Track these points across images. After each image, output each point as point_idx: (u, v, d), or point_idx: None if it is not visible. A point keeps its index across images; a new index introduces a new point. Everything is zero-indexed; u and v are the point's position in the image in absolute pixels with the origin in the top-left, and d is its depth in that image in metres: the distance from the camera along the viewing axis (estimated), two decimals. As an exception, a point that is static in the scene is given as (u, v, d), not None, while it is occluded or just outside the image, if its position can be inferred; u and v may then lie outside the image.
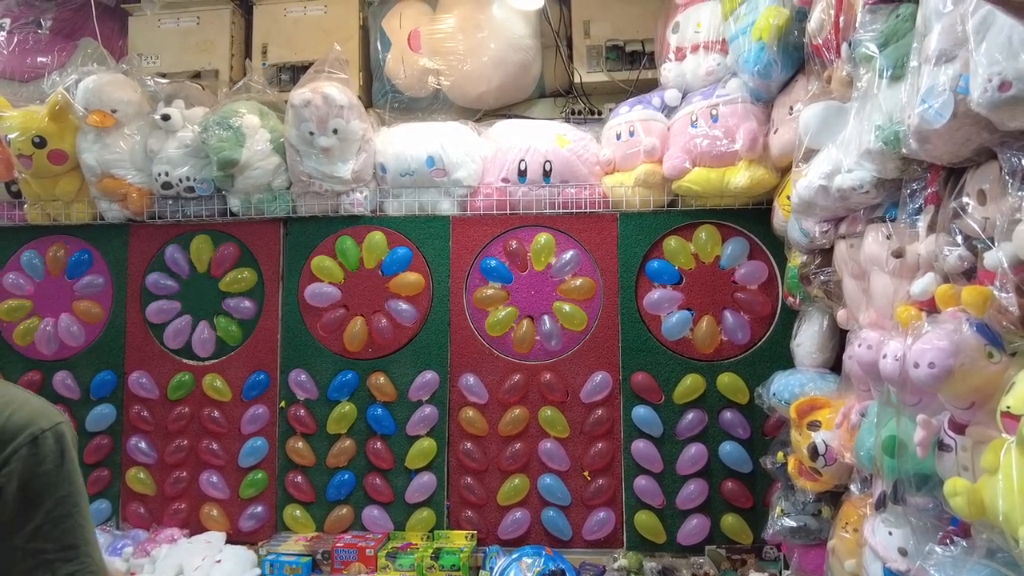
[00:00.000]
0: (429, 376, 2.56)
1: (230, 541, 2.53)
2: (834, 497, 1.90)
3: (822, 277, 1.92)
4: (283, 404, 2.62)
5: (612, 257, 2.54)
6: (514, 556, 2.38)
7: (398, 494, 2.54)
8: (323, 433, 2.59)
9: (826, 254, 1.93)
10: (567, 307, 2.53)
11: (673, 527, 2.43)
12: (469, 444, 2.54)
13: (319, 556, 2.36)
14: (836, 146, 1.59)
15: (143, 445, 2.68)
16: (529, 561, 2.36)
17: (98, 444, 2.69)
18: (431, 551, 2.34)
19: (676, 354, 2.49)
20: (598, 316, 2.54)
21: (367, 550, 2.35)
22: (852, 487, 1.70)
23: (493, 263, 2.58)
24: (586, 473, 2.48)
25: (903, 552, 1.35)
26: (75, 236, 2.79)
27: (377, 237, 2.61)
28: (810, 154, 1.72)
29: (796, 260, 2.16)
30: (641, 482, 2.44)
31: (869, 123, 1.39)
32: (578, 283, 2.54)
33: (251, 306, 2.67)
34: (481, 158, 2.62)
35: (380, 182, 2.66)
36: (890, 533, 1.40)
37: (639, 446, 2.45)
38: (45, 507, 0.98)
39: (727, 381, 2.44)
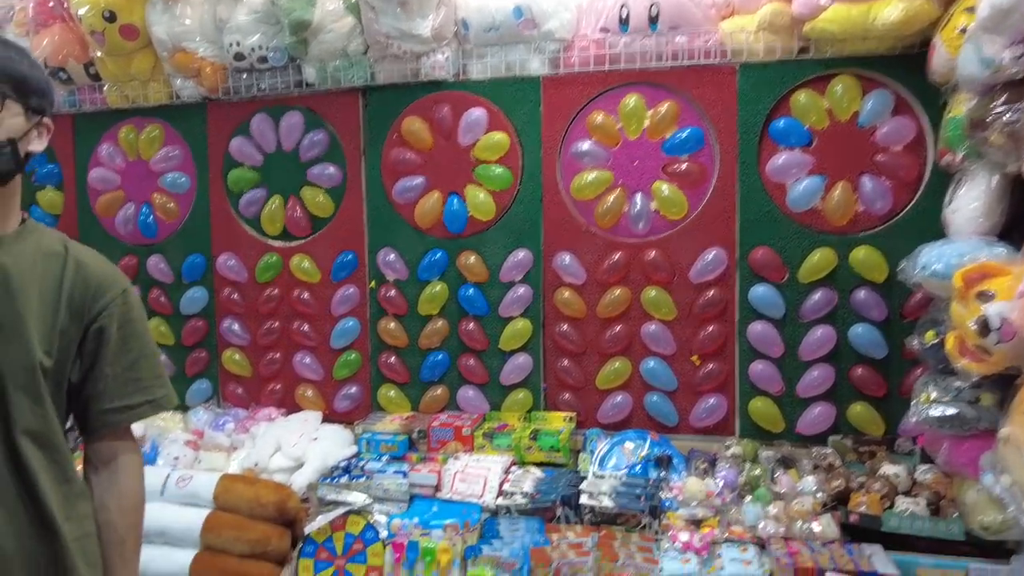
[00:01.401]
0: (522, 255, 2.38)
1: (326, 421, 2.53)
2: (998, 383, 1.63)
3: (1008, 116, 1.56)
4: (372, 284, 2.53)
5: (730, 117, 2.22)
6: (616, 439, 2.26)
7: (493, 375, 2.44)
8: (414, 314, 2.49)
9: (1016, 88, 1.56)
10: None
11: (792, 415, 2.22)
12: (566, 326, 2.38)
13: (415, 435, 2.31)
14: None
15: (236, 327, 2.68)
16: (632, 445, 2.24)
17: (194, 326, 2.71)
18: (529, 432, 2.25)
19: (803, 226, 2.19)
20: (712, 186, 2.25)
21: (463, 429, 2.28)
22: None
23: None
24: (695, 357, 2.28)
25: None
26: (154, 117, 2.71)
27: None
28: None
29: (961, 108, 1.79)
30: (757, 367, 2.22)
31: None
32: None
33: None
34: (575, 5, 2.29)
35: (462, 41, 2.39)
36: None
37: (756, 329, 2.21)
38: (138, 345, 1.18)
39: (862, 256, 2.14)
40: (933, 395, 1.79)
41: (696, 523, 1.95)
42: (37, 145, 1.10)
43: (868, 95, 2.12)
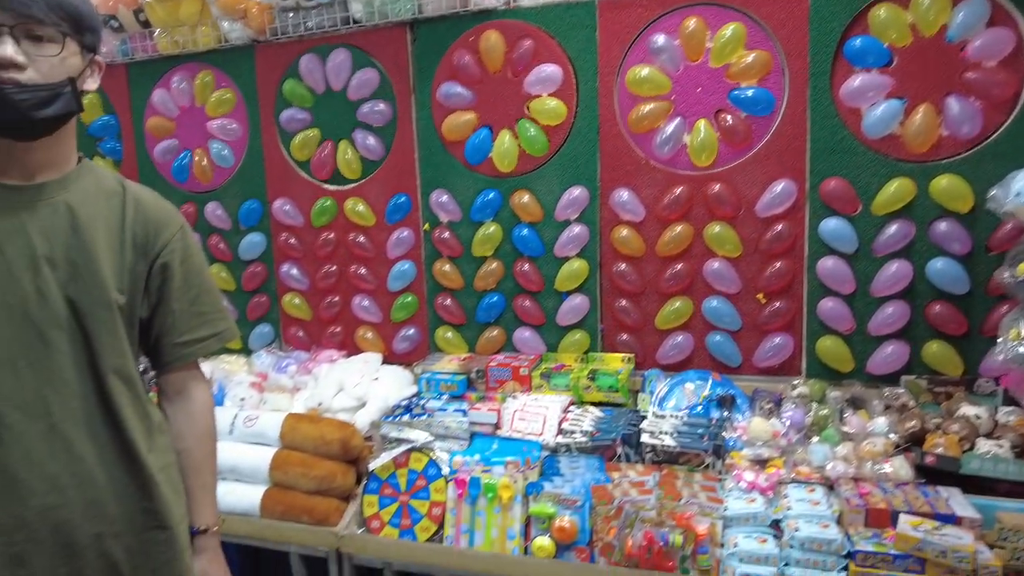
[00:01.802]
0: (577, 192, 2.31)
1: (386, 362, 2.57)
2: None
3: None
4: (427, 227, 2.51)
5: (801, 37, 2.06)
6: (676, 380, 2.22)
7: (549, 316, 2.41)
8: (469, 255, 2.47)
9: None
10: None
11: (863, 354, 2.13)
12: (624, 265, 2.31)
13: (473, 375, 2.32)
14: None
15: (295, 272, 2.71)
16: (693, 386, 2.19)
17: (253, 272, 2.76)
18: (587, 372, 2.23)
19: (880, 154, 2.05)
20: (781, 113, 2.11)
21: (521, 369, 2.27)
22: None
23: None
24: (760, 295, 2.20)
25: None
26: (204, 63, 2.70)
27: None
28: None
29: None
30: (827, 304, 2.13)
31: None
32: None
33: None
34: (634, -78, 2.14)
35: (513, -33, 2.28)
36: None
37: (827, 264, 2.11)
38: (198, 280, 1.21)
39: (944, 185, 1.99)
40: None
41: (761, 463, 1.91)
42: (92, 83, 1.09)
43: (959, 5, 1.93)
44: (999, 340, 1.76)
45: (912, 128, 2.01)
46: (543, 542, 1.81)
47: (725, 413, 2.09)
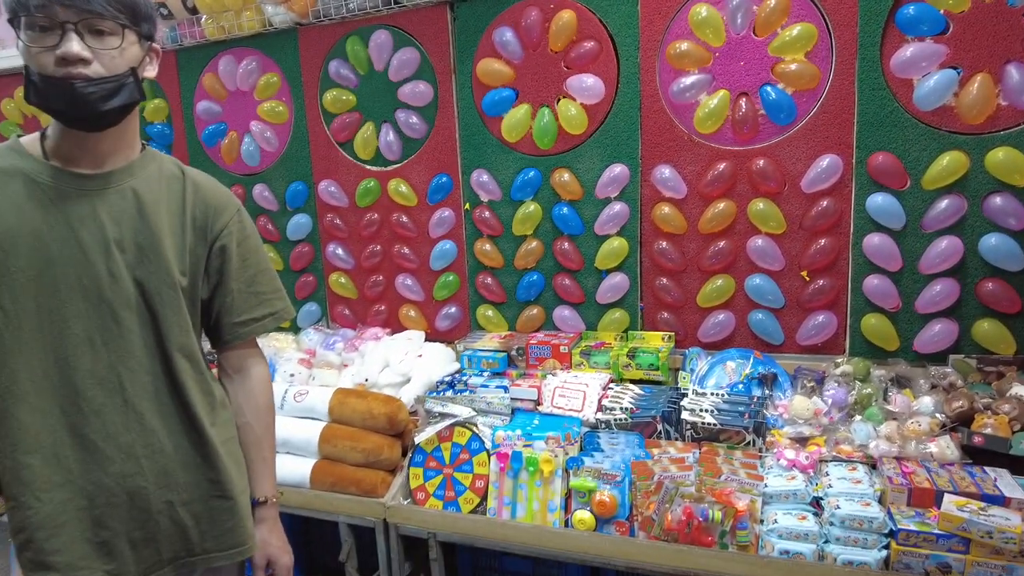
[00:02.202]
0: (618, 170, 2.30)
1: (428, 340, 2.63)
2: None
3: None
4: (467, 206, 2.54)
5: (850, 6, 2.00)
6: (717, 358, 2.22)
7: (588, 295, 2.43)
8: (509, 234, 2.49)
9: None
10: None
11: (909, 332, 2.09)
12: (664, 243, 2.31)
13: (514, 352, 2.36)
14: None
15: (340, 252, 2.78)
16: (734, 364, 2.19)
17: (300, 252, 2.84)
18: (627, 350, 2.24)
19: (931, 127, 1.98)
20: (828, 85, 2.06)
21: (561, 347, 2.30)
22: None
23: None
24: (804, 273, 2.17)
25: None
26: (250, 47, 2.76)
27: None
28: None
29: None
30: (872, 282, 2.09)
31: None
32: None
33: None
34: None
35: (553, -58, 2.25)
36: None
37: (873, 241, 2.07)
38: (255, 260, 1.27)
39: (1001, 158, 1.92)
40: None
41: (802, 442, 1.91)
42: (151, 71, 1.14)
43: (1020, -32, 1.85)
44: (1055, 318, 1.71)
45: (967, 99, 1.94)
46: (583, 515, 1.85)
47: (766, 391, 2.09)
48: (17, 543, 1.08)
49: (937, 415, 1.86)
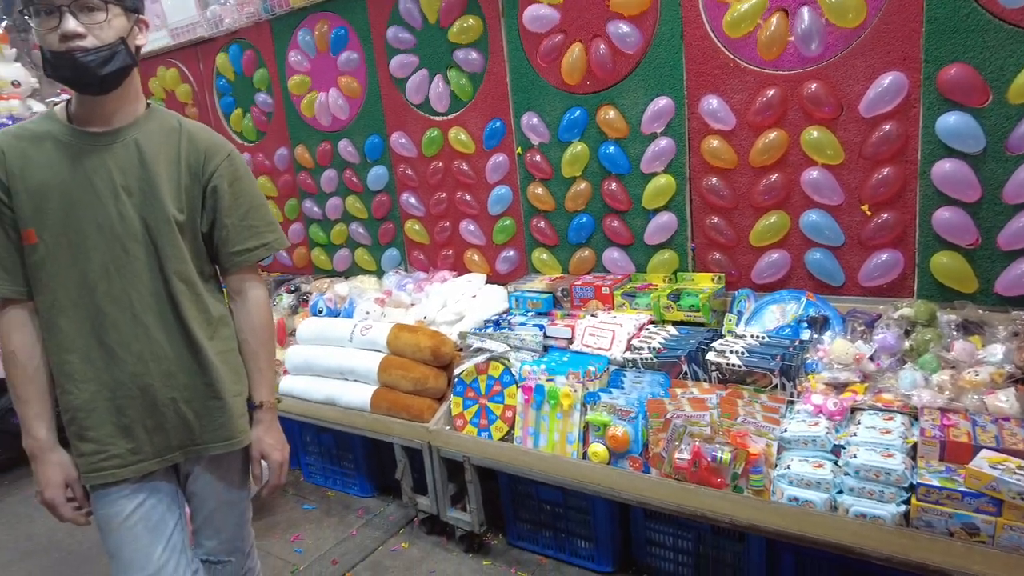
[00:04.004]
0: (663, 103, 2.21)
1: (489, 282, 2.73)
2: None
3: None
4: (519, 150, 2.57)
5: None
6: (765, 300, 2.09)
7: (637, 236, 2.38)
8: (559, 177, 2.50)
9: None
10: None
11: (990, 273, 1.83)
12: (714, 179, 2.19)
13: (559, 294, 2.39)
14: None
15: (413, 200, 2.95)
16: (782, 307, 2.06)
17: (380, 201, 3.05)
18: (669, 292, 2.18)
19: (1018, 28, 1.68)
20: (891, -9, 1.82)
21: (603, 288, 2.29)
22: None
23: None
24: (865, 207, 1.96)
25: None
26: (328, 12, 2.94)
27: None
28: None
29: None
30: (944, 215, 1.84)
31: None
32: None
33: (478, 58, 2.57)
34: None
35: None
36: None
37: (945, 168, 1.81)
38: (247, 198, 1.41)
39: (1112, 60, 1.59)
40: None
41: (839, 387, 1.77)
42: (141, 39, 1.32)
43: None
44: None
45: (1069, -9, 1.62)
46: (597, 448, 1.87)
47: (814, 335, 1.95)
48: (65, 420, 1.36)
49: (1005, 366, 1.63)
